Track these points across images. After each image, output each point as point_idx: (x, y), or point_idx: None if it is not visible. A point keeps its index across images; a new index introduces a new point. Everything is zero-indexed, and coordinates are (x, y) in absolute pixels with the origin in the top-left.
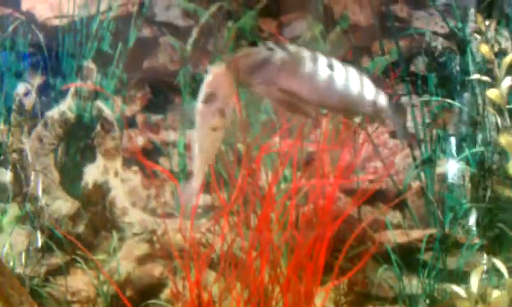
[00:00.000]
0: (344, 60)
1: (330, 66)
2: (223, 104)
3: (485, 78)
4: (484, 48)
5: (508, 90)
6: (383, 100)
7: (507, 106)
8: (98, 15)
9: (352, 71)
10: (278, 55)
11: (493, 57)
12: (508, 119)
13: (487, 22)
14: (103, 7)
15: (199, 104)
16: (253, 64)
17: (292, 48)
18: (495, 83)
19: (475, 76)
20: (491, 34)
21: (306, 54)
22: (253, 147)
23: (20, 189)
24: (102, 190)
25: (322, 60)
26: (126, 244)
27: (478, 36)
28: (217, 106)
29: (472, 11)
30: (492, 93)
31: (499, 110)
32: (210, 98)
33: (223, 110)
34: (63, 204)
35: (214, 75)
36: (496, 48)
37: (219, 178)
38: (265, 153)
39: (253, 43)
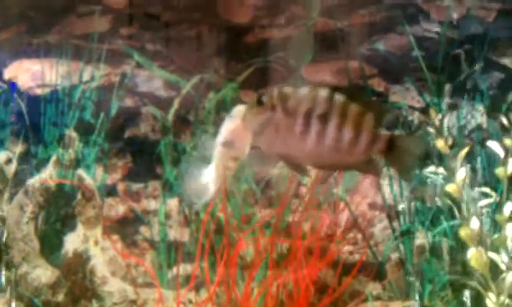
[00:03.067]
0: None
1: (324, 117)
2: (238, 153)
3: (441, 170)
4: (440, 143)
5: (464, 182)
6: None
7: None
8: (81, 84)
9: (350, 110)
10: (276, 116)
11: (447, 150)
12: (465, 212)
13: (440, 115)
14: (85, 77)
15: (218, 144)
16: (257, 128)
17: (293, 98)
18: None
19: (431, 168)
20: (467, 109)
21: (303, 105)
22: (234, 216)
23: None
24: (82, 258)
25: (318, 108)
26: None
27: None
28: (233, 154)
29: (448, 86)
30: (450, 187)
31: (454, 202)
32: (228, 145)
33: (237, 158)
34: (43, 273)
35: (235, 125)
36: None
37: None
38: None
39: (260, 102)
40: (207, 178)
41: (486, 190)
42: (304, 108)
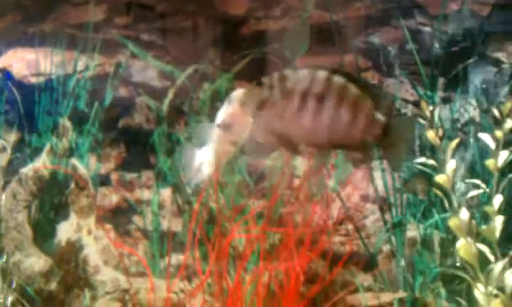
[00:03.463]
0: None
1: (322, 96)
2: (236, 137)
3: (431, 162)
4: (430, 134)
5: (454, 173)
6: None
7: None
8: (75, 73)
9: (349, 92)
10: (274, 95)
11: (438, 142)
12: (455, 203)
13: (431, 107)
14: (80, 66)
15: (216, 127)
16: (255, 106)
17: (292, 79)
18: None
19: (421, 159)
20: (460, 103)
21: (301, 84)
22: (226, 207)
23: None
24: (75, 247)
25: (316, 87)
26: (98, 302)
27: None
28: (230, 138)
29: (441, 79)
30: (440, 178)
31: (445, 194)
32: (226, 128)
33: (235, 142)
34: (36, 261)
35: (233, 109)
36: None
37: (193, 237)
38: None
39: (259, 83)
40: (203, 159)
41: (477, 181)
42: (303, 88)
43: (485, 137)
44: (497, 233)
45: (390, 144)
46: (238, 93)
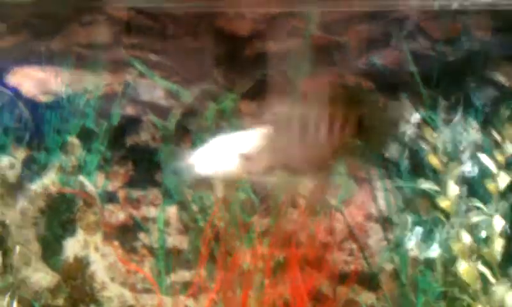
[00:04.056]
0: None
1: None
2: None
3: (435, 187)
4: (433, 159)
5: (456, 197)
6: None
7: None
8: (84, 92)
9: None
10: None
11: (441, 167)
12: (456, 226)
13: (435, 134)
14: (89, 85)
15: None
16: None
17: None
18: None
19: (425, 184)
20: (461, 125)
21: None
22: (232, 225)
23: (0, 261)
24: (82, 264)
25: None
26: None
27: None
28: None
29: (442, 101)
30: (443, 202)
31: (447, 216)
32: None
33: None
34: (43, 277)
35: None
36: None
37: (198, 255)
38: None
39: None
40: None
41: (479, 204)
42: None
43: (485, 159)
44: (498, 256)
45: (369, 135)
46: None
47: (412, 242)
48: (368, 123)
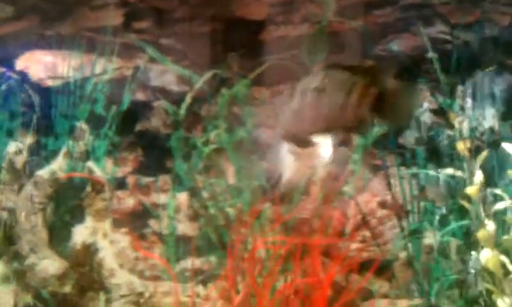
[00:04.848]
0: None
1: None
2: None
3: (459, 173)
4: (460, 145)
5: (482, 184)
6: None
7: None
8: (93, 77)
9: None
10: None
11: (467, 153)
12: (482, 212)
13: (459, 118)
14: (98, 70)
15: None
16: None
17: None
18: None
19: (449, 171)
20: (479, 112)
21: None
22: (244, 212)
23: (8, 247)
24: (90, 250)
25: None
26: (113, 305)
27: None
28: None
29: (460, 87)
30: (470, 189)
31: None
32: None
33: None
34: (51, 264)
35: None
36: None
37: (208, 242)
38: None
39: None
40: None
41: (499, 192)
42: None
43: (507, 146)
44: None
45: (388, 109)
46: None
47: (426, 230)
48: (385, 100)
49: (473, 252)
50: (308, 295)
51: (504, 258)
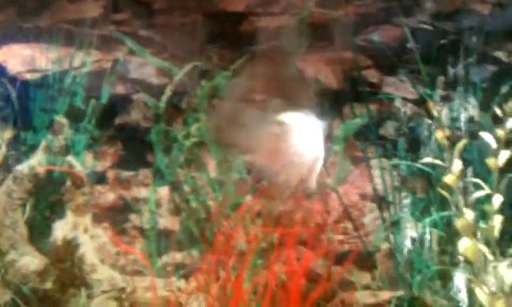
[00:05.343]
0: None
1: None
2: None
3: (438, 162)
4: (439, 134)
5: (461, 173)
6: None
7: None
8: (72, 70)
9: None
10: None
11: (446, 142)
12: (462, 201)
13: (438, 107)
14: (76, 62)
15: None
16: None
17: None
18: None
19: (428, 159)
20: (459, 102)
21: None
22: (225, 205)
23: None
24: (71, 246)
25: None
26: (94, 301)
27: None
28: None
29: (441, 78)
30: (448, 178)
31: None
32: None
33: None
34: (31, 260)
35: None
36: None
37: (190, 236)
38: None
39: None
40: None
41: (479, 181)
42: None
43: (486, 135)
44: (496, 232)
45: None
46: None
47: (408, 221)
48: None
49: None
50: (283, 285)
51: (483, 247)
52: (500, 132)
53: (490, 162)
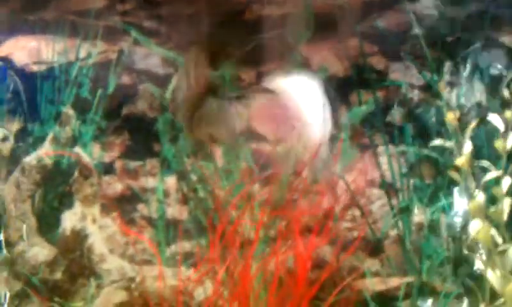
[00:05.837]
0: None
1: None
2: None
3: (449, 144)
4: (450, 116)
5: (471, 155)
6: None
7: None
8: (78, 61)
9: None
10: None
11: (456, 123)
12: (473, 184)
13: (447, 89)
14: (82, 54)
15: None
16: None
17: None
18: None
19: (438, 141)
20: (466, 87)
21: None
22: (232, 194)
23: None
24: (79, 236)
25: None
26: (104, 290)
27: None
28: None
29: (448, 63)
30: (459, 161)
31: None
32: None
33: None
34: (40, 251)
35: None
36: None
37: (198, 225)
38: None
39: None
40: None
41: (487, 164)
42: None
43: (494, 118)
44: (505, 216)
45: None
46: None
47: (416, 207)
48: None
49: None
50: (290, 272)
51: (493, 231)
52: (509, 114)
53: (498, 144)
